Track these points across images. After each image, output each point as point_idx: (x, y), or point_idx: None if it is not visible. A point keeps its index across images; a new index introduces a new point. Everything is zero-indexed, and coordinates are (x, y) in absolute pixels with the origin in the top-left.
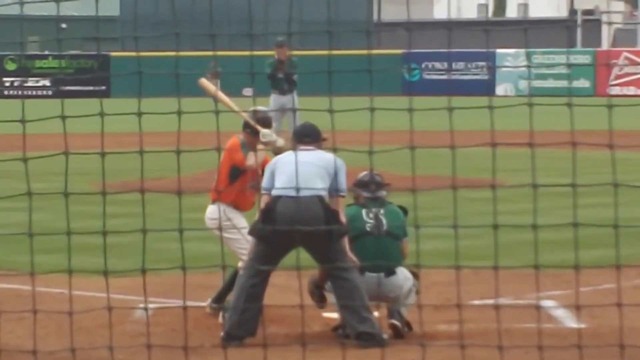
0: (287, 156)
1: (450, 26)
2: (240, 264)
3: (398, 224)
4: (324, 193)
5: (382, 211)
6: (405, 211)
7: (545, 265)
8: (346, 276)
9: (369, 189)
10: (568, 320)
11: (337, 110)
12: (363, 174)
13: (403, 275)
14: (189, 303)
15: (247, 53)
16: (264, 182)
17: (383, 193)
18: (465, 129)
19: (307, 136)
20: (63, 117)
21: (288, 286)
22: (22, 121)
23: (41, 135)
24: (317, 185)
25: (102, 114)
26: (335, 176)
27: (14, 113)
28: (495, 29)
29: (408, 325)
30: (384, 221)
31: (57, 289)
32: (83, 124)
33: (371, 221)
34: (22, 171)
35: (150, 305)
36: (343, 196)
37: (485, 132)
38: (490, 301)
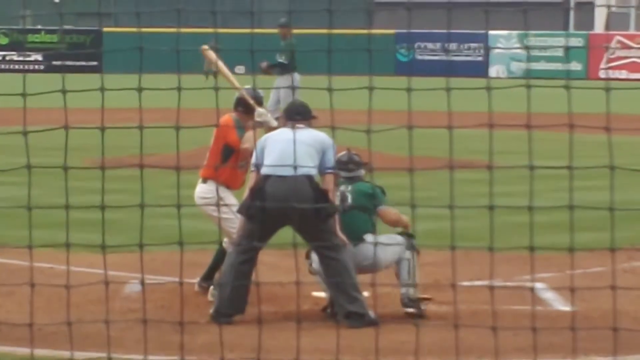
0: (278, 134)
1: (450, 7)
2: (225, 241)
3: (365, 196)
4: (313, 172)
5: (349, 188)
6: (383, 191)
7: (538, 247)
8: (335, 255)
9: (348, 168)
10: (557, 302)
11: (337, 89)
12: (342, 153)
13: (376, 240)
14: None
15: (240, 30)
16: (254, 159)
17: (361, 172)
18: (459, 110)
19: (298, 114)
20: (64, 92)
21: (278, 265)
22: (23, 94)
23: (34, 110)
24: (307, 164)
25: (102, 89)
26: (324, 154)
27: (7, 87)
28: (489, 10)
29: (424, 299)
30: (349, 197)
31: (46, 264)
32: (75, 99)
33: (336, 200)
34: (14, 145)
35: (139, 282)
36: (333, 173)
37: (479, 113)
38: (480, 283)
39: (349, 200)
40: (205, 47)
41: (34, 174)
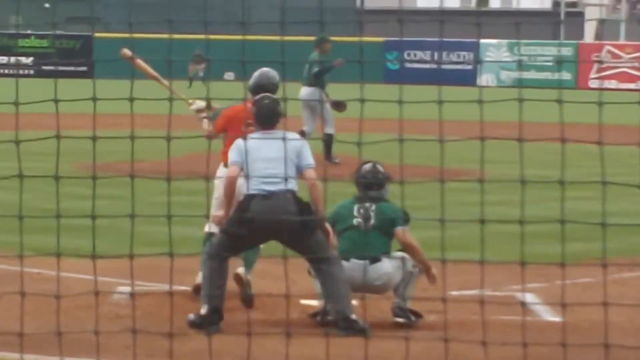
0: (256, 147)
1: (441, 16)
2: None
3: (387, 220)
4: (294, 183)
5: (373, 207)
6: (406, 215)
7: (530, 261)
8: (328, 269)
9: (372, 188)
10: (545, 313)
11: (335, 100)
12: (366, 168)
13: (391, 264)
14: (168, 287)
15: (229, 37)
16: (233, 156)
17: (385, 192)
18: (449, 118)
19: (268, 117)
20: (56, 101)
21: (268, 272)
22: (16, 103)
23: (25, 115)
24: (289, 175)
25: (94, 99)
26: (300, 155)
27: None
28: (481, 23)
29: (415, 313)
30: (372, 217)
31: (34, 269)
32: (66, 104)
33: (359, 218)
34: (5, 149)
35: (128, 288)
36: (312, 167)
37: (470, 122)
38: (469, 292)
39: (372, 220)
40: (125, 50)
41: (24, 179)
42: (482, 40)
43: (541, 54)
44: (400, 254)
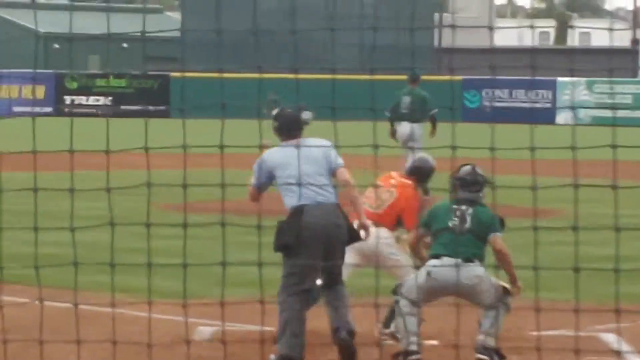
0: (286, 159)
1: (519, 54)
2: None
3: (483, 225)
4: (335, 195)
5: (469, 211)
6: (502, 221)
7: (625, 310)
8: (342, 291)
9: (470, 189)
10: (631, 354)
11: (419, 149)
12: (466, 170)
13: (482, 270)
14: (250, 327)
15: (314, 76)
16: (256, 179)
17: (482, 195)
18: (529, 157)
19: (294, 130)
20: (146, 149)
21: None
22: (107, 152)
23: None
24: (325, 183)
25: (184, 146)
26: (327, 159)
27: (77, 131)
28: (559, 57)
29: (499, 354)
30: (468, 220)
31: (117, 309)
32: (151, 143)
33: (456, 220)
34: (94, 190)
35: (210, 328)
36: (342, 166)
37: (558, 161)
38: (551, 332)
39: (468, 223)
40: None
41: (105, 218)
42: (560, 79)
43: (620, 92)
44: (495, 279)
